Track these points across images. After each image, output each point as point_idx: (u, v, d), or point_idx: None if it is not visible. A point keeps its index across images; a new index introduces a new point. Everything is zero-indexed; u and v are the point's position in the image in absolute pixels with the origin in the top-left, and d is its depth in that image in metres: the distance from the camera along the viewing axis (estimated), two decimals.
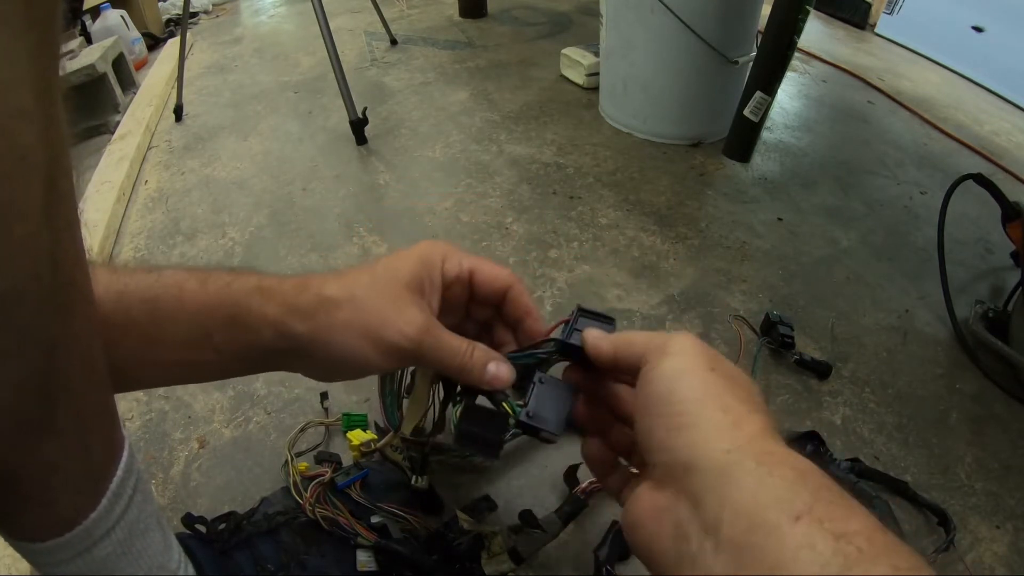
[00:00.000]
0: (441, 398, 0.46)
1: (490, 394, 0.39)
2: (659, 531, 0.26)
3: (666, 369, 0.28)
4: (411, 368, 0.51)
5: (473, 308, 0.40)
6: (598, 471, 0.37)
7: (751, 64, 1.05)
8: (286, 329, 0.33)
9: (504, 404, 0.38)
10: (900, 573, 0.19)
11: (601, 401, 0.37)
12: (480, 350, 0.35)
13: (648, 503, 0.27)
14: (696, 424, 0.25)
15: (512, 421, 0.37)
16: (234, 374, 0.36)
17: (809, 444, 0.60)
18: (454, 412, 0.42)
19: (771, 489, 0.22)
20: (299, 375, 0.37)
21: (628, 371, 0.32)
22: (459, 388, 0.43)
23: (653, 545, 0.26)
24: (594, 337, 0.34)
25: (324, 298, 0.33)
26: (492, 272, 0.38)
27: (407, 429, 0.47)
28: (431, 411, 0.52)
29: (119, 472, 0.29)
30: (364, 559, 0.48)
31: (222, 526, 0.48)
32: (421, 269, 0.35)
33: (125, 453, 0.30)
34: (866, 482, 0.57)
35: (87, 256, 0.26)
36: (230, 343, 0.33)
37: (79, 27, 1.53)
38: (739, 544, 0.22)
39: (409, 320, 0.33)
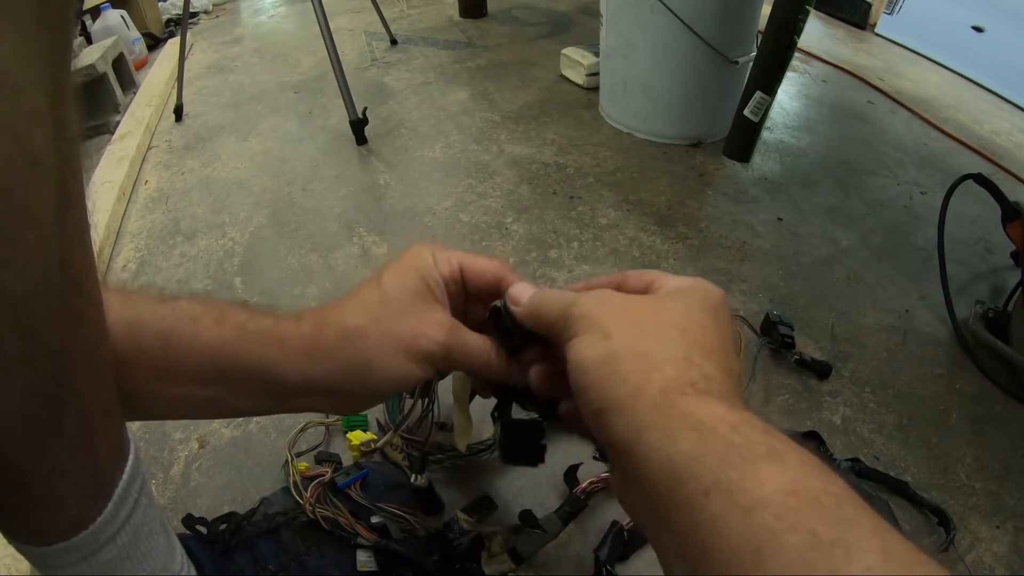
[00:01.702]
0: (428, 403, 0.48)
1: (514, 390, 0.40)
2: (630, 505, 0.26)
3: (570, 355, 0.27)
4: None
5: (471, 308, 0.39)
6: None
7: (751, 64, 1.05)
8: (313, 372, 0.32)
9: (527, 405, 0.39)
10: (818, 539, 0.18)
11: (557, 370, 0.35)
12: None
13: (615, 477, 0.27)
14: (605, 408, 0.25)
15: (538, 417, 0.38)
16: (250, 413, 0.35)
17: (809, 444, 0.60)
18: (495, 429, 0.43)
19: (678, 462, 0.21)
20: None
21: (554, 340, 0.31)
22: (494, 409, 0.43)
23: (633, 516, 0.27)
24: (514, 298, 0.34)
25: (347, 330, 0.33)
26: (481, 266, 0.37)
27: (462, 445, 0.49)
28: (430, 415, 0.52)
29: (125, 475, 0.29)
30: (364, 559, 0.48)
31: (223, 527, 0.48)
32: (424, 275, 0.35)
33: (131, 456, 0.30)
34: (866, 482, 0.57)
35: (96, 260, 0.25)
36: (246, 383, 0.32)
37: (79, 27, 1.53)
38: (671, 525, 0.22)
39: (434, 323, 0.33)
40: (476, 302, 0.38)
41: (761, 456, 0.21)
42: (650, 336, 0.26)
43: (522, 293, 0.34)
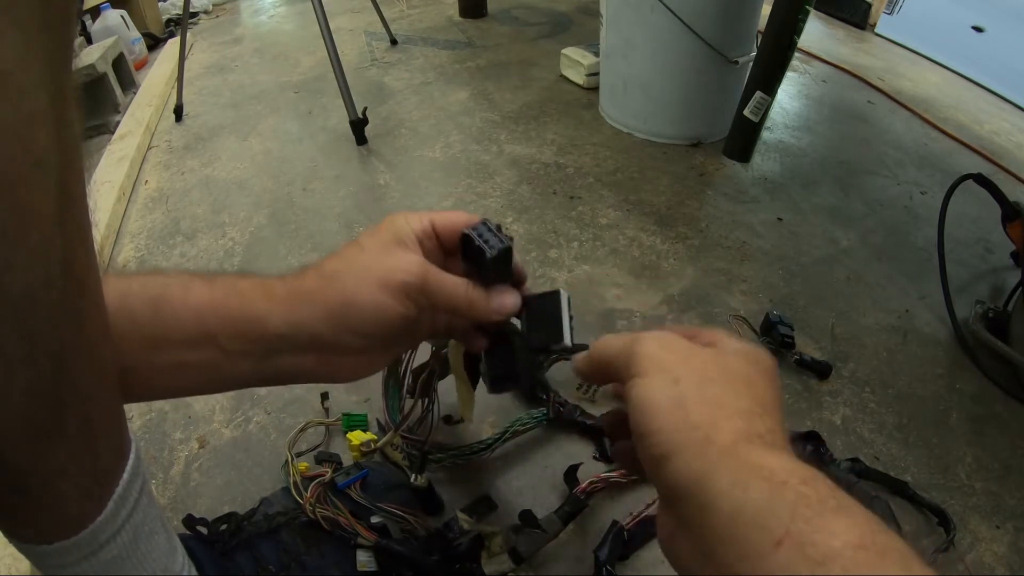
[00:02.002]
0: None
1: (499, 332, 0.40)
2: (679, 553, 0.26)
3: (634, 396, 0.27)
4: (414, 366, 0.52)
5: (448, 263, 0.39)
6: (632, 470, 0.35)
7: (751, 64, 1.05)
8: (297, 318, 0.33)
9: (513, 337, 0.40)
10: None
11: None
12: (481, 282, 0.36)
13: (664, 525, 0.27)
14: (671, 452, 0.25)
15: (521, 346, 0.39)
16: (243, 379, 0.35)
17: (809, 444, 0.60)
18: (482, 363, 0.43)
19: (747, 512, 0.21)
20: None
21: (612, 378, 0.31)
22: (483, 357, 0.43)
23: (677, 563, 0.26)
24: (576, 360, 0.35)
25: (326, 274, 0.34)
26: (451, 218, 0.38)
27: (468, 415, 0.50)
28: (431, 414, 0.52)
29: (125, 475, 0.29)
30: (364, 559, 0.48)
31: (223, 527, 0.48)
32: (397, 230, 0.36)
33: (131, 456, 0.30)
34: (866, 482, 0.57)
35: (98, 260, 0.25)
36: (237, 340, 0.33)
37: (79, 27, 1.53)
38: (732, 571, 0.21)
39: (409, 261, 0.34)
40: (452, 256, 0.39)
41: (832, 510, 0.21)
42: (718, 385, 0.26)
43: (579, 360, 0.34)
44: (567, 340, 0.37)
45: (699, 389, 0.26)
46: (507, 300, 0.37)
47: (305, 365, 0.35)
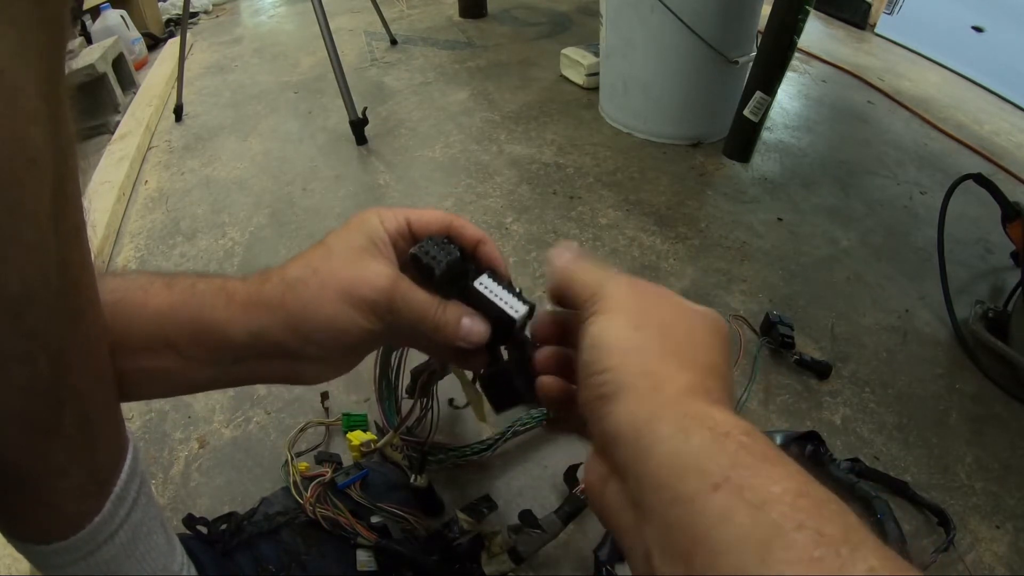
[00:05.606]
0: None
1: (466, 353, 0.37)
2: (605, 501, 0.26)
3: (592, 332, 0.27)
4: (411, 367, 0.52)
5: None
6: (559, 412, 0.34)
7: (751, 64, 1.05)
8: (256, 325, 0.32)
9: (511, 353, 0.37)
10: (825, 538, 0.18)
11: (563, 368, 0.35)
12: (453, 304, 0.34)
13: (594, 470, 0.27)
14: (616, 393, 0.24)
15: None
16: (207, 384, 0.34)
17: (809, 444, 0.60)
18: (478, 385, 0.41)
19: (687, 456, 0.21)
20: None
21: (571, 307, 0.30)
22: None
23: (604, 513, 0.26)
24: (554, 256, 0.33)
25: (289, 281, 0.32)
26: (427, 215, 0.36)
27: (482, 416, 0.47)
28: (431, 413, 0.52)
29: (123, 475, 0.29)
30: (364, 559, 0.48)
31: (223, 527, 0.48)
32: (368, 232, 0.34)
33: (129, 455, 0.30)
34: (866, 482, 0.57)
35: (93, 259, 0.25)
36: (195, 347, 0.31)
37: (79, 27, 1.53)
38: (662, 517, 0.21)
39: (377, 273, 0.32)
40: None
41: (772, 460, 0.21)
42: (677, 340, 0.26)
43: (560, 255, 0.33)
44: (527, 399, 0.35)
45: (659, 339, 0.26)
46: (475, 328, 0.34)
47: (269, 370, 0.34)
